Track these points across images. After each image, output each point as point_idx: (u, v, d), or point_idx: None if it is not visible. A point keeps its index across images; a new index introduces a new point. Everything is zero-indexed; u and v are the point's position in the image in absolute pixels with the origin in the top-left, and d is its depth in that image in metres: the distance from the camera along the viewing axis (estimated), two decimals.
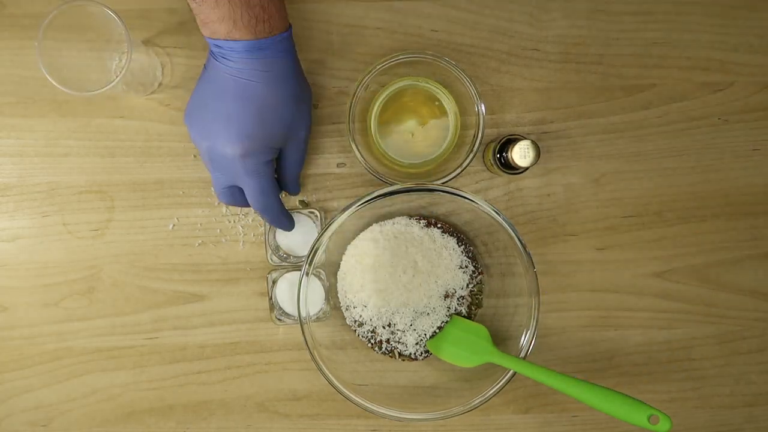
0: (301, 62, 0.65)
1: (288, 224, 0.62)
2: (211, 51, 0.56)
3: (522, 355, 0.59)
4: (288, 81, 0.56)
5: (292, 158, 0.60)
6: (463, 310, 0.64)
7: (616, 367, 0.66)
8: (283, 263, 0.64)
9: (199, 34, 0.64)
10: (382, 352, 0.64)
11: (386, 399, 0.60)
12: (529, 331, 0.59)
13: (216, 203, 0.65)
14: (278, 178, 0.62)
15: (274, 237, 0.64)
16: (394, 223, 0.64)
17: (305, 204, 0.65)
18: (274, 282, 0.63)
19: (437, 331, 0.63)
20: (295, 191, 0.64)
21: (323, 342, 0.64)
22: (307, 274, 0.59)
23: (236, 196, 0.60)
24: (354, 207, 0.57)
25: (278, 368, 0.65)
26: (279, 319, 0.63)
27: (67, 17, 0.55)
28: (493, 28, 0.64)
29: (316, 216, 0.64)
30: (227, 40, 0.53)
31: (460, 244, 0.64)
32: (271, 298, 0.63)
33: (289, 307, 0.63)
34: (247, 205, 0.60)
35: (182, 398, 0.65)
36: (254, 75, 0.54)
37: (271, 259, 0.63)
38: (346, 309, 0.64)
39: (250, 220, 0.65)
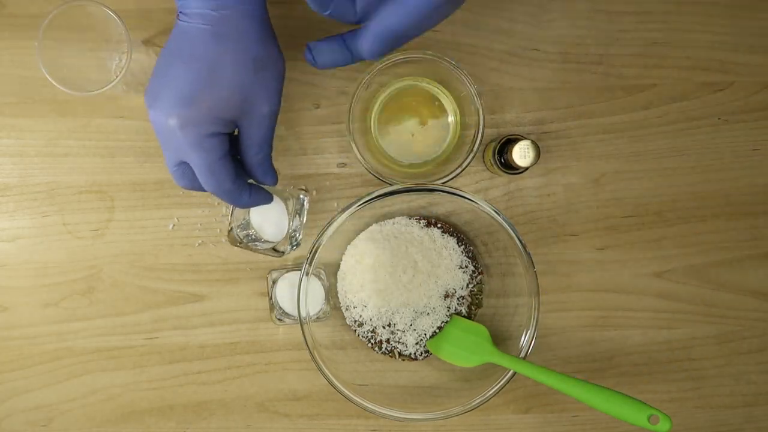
0: (301, 62, 0.65)
1: (248, 200, 0.53)
2: (177, 10, 0.50)
3: (522, 355, 0.59)
4: (247, 41, 0.49)
5: (252, 137, 0.51)
6: (463, 310, 0.64)
7: (616, 367, 0.66)
8: (247, 243, 0.60)
9: None
10: (382, 352, 0.64)
11: (386, 399, 0.60)
12: (529, 331, 0.59)
13: (216, 203, 0.65)
14: (241, 161, 0.54)
15: (248, 212, 0.58)
16: (394, 223, 0.64)
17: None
18: (274, 282, 0.63)
19: (437, 331, 0.63)
20: (263, 179, 0.55)
21: (323, 342, 0.64)
22: (307, 274, 0.59)
23: (189, 176, 0.52)
24: (354, 207, 0.57)
25: (278, 368, 0.65)
26: (279, 319, 0.63)
27: (67, 17, 0.55)
28: (493, 28, 0.64)
29: (300, 194, 0.59)
30: None
31: (460, 244, 0.64)
32: (271, 298, 0.63)
33: (289, 307, 0.63)
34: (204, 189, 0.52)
35: (182, 398, 0.65)
36: (206, 32, 0.48)
37: (237, 236, 0.59)
38: (346, 309, 0.64)
39: None
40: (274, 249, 0.60)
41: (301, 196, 0.59)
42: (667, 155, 0.65)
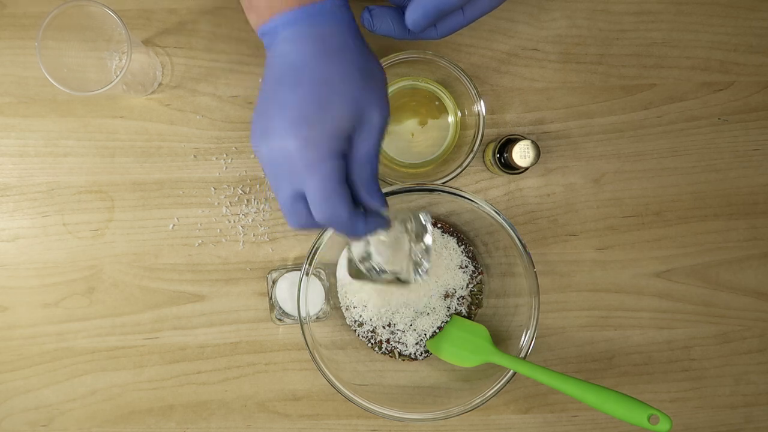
0: None
1: (364, 228, 0.48)
2: (266, 48, 0.48)
3: (522, 355, 0.59)
4: (348, 52, 0.46)
5: (364, 149, 0.47)
6: (463, 310, 0.64)
7: (616, 367, 0.66)
8: (371, 277, 0.52)
9: (199, 35, 0.64)
10: (382, 352, 0.64)
11: (386, 399, 0.60)
12: (529, 331, 0.59)
13: (216, 203, 0.65)
14: (350, 185, 0.47)
15: (368, 243, 0.51)
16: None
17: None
18: (274, 282, 0.63)
19: (437, 331, 0.63)
20: (372, 199, 0.48)
21: (323, 342, 0.64)
22: (307, 274, 0.59)
23: (304, 213, 0.47)
24: None
25: (278, 368, 0.65)
26: (279, 319, 0.63)
27: (67, 17, 0.55)
28: (493, 28, 0.64)
29: (420, 214, 0.51)
30: (272, 19, 0.46)
31: (460, 244, 0.64)
32: (271, 298, 0.63)
33: (289, 307, 0.63)
34: (319, 226, 0.48)
35: (182, 398, 0.65)
36: (305, 51, 0.45)
37: (359, 269, 0.51)
38: (346, 309, 0.64)
39: (250, 220, 0.65)
40: (398, 279, 0.53)
41: (422, 216, 0.51)
42: (667, 155, 0.65)
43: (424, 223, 0.52)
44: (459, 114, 0.63)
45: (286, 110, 0.45)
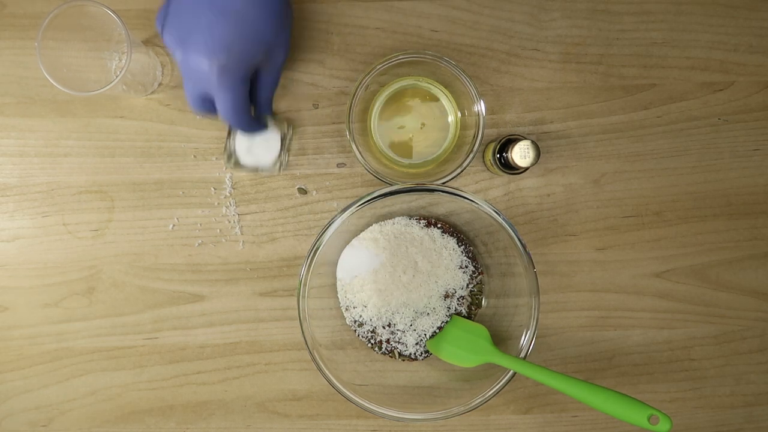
0: (301, 62, 0.65)
1: (257, 127, 0.61)
2: None
3: (522, 355, 0.59)
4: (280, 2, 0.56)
5: (266, 80, 0.59)
6: (463, 310, 0.64)
7: (616, 367, 0.66)
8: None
9: None
10: (382, 352, 0.64)
11: (386, 399, 0.60)
12: (529, 331, 0.59)
13: (216, 203, 0.65)
14: (250, 96, 0.60)
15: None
16: (394, 223, 0.64)
17: (303, 191, 0.65)
18: (231, 133, 0.63)
19: (437, 331, 0.63)
20: (267, 111, 0.62)
21: (323, 342, 0.64)
22: (307, 273, 0.59)
23: (207, 106, 0.59)
24: (354, 207, 0.57)
25: (278, 368, 0.65)
26: (236, 165, 0.63)
27: (67, 17, 0.55)
28: (493, 28, 0.64)
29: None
30: None
31: (460, 244, 0.64)
32: (227, 147, 0.63)
33: (246, 158, 0.63)
34: (216, 114, 0.59)
35: (182, 398, 0.65)
36: None
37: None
38: (346, 309, 0.64)
39: (250, 220, 0.65)
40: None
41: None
42: (667, 155, 0.65)
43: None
44: (459, 114, 0.63)
45: (211, 35, 0.53)
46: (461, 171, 0.61)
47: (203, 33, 0.54)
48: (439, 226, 0.64)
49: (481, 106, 0.60)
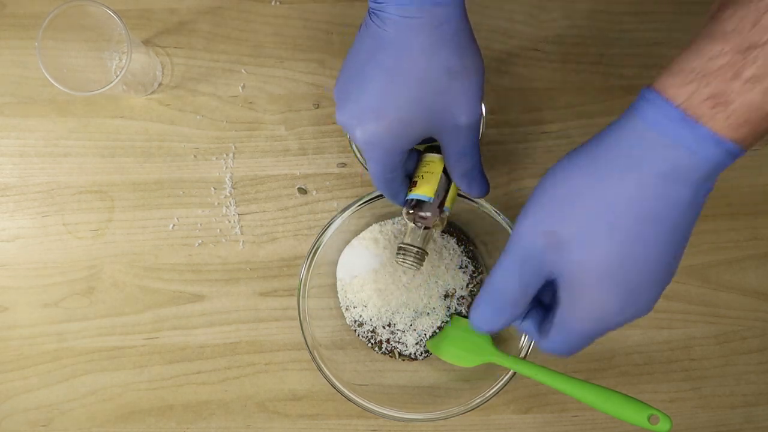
0: (301, 62, 0.65)
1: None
2: (372, 10, 0.45)
3: (522, 355, 0.59)
4: (444, 51, 0.44)
5: (453, 148, 0.48)
6: (463, 310, 0.64)
7: (616, 367, 0.66)
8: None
9: (199, 35, 0.64)
10: (382, 352, 0.64)
11: (386, 399, 0.60)
12: None
13: (216, 203, 0.65)
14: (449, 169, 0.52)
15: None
16: (394, 223, 0.64)
17: (303, 191, 0.63)
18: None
19: (437, 331, 0.63)
20: (468, 190, 0.51)
21: (323, 342, 0.64)
22: (307, 273, 0.59)
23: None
24: (354, 207, 0.57)
25: (278, 368, 0.65)
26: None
27: (67, 17, 0.55)
28: (493, 28, 0.64)
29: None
30: None
31: (460, 244, 0.64)
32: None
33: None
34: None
35: (182, 398, 0.65)
36: (411, 34, 0.43)
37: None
38: (346, 309, 0.64)
39: (250, 220, 0.65)
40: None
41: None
42: None
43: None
44: None
45: (364, 90, 0.45)
46: None
47: (359, 90, 0.46)
48: None
49: (481, 106, 0.60)
